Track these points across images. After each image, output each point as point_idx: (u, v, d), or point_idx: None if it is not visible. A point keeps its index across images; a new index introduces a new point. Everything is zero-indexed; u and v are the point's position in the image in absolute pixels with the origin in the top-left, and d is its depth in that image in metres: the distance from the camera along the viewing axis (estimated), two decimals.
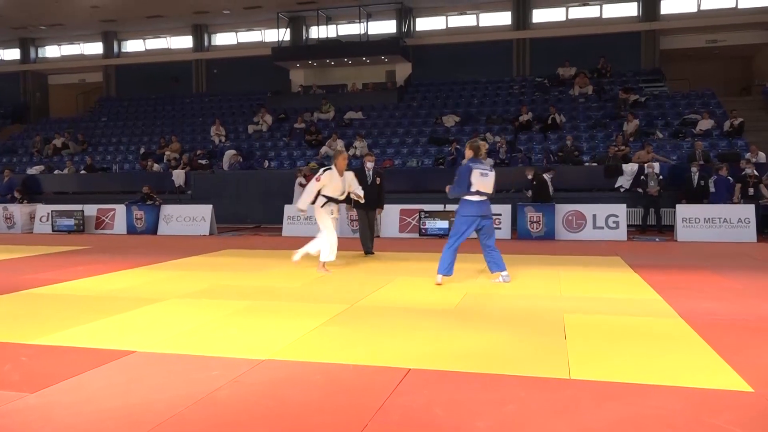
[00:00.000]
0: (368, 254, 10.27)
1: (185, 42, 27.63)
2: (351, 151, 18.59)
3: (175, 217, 15.51)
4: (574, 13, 23.26)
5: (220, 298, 6.57)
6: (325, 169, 8.31)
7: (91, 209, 16.18)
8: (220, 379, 3.85)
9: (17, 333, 5.08)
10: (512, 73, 23.49)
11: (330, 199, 8.25)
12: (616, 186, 15.37)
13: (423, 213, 13.70)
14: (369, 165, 10.19)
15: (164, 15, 25.31)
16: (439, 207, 13.63)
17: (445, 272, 7.10)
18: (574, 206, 13.50)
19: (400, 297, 6.58)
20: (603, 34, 22.34)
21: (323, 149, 18.96)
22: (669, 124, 18.06)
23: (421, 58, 24.05)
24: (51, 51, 29.59)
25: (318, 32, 25.19)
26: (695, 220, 12.84)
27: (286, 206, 14.92)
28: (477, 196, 6.95)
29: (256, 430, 3.15)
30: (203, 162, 19.30)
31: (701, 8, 22.00)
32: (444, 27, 24.54)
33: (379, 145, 19.43)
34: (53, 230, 15.98)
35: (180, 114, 25.05)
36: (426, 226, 13.57)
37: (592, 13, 23.07)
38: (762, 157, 15.02)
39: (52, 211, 16.29)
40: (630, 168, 15.20)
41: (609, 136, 17.64)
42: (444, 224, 13.18)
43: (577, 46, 22.11)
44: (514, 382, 3.76)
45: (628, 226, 13.35)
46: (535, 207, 13.40)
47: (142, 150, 21.56)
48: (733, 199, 13.53)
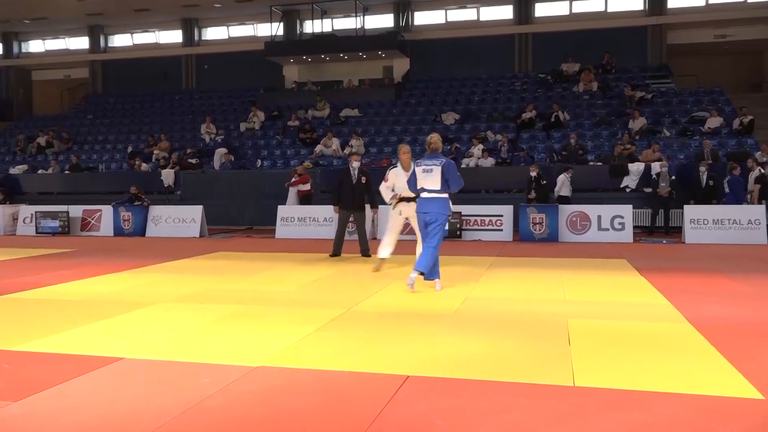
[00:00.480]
0: (334, 256, 10.33)
1: (174, 36, 27.61)
2: (347, 150, 18.60)
3: (164, 219, 15.48)
4: (578, 7, 23.29)
5: (210, 302, 6.57)
6: (391, 167, 8.37)
7: (76, 210, 16.14)
8: (210, 386, 3.85)
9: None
10: (514, 69, 23.53)
11: (401, 198, 8.21)
12: (621, 186, 15.40)
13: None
14: (355, 165, 10.36)
15: (153, 8, 25.28)
16: None
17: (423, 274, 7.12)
18: (578, 207, 13.51)
19: (397, 301, 6.58)
20: (608, 29, 22.37)
21: (318, 148, 18.96)
22: (676, 121, 18.11)
23: (420, 53, 24.06)
24: (35, 46, 29.54)
25: (312, 26, 25.20)
26: (704, 222, 12.85)
27: (280, 207, 14.90)
28: (425, 194, 7.16)
29: None
30: (193, 161, 19.28)
31: (710, 2, 22.06)
32: (443, 21, 24.57)
33: (376, 144, 19.44)
34: (37, 232, 15.93)
35: (169, 111, 25.03)
36: None
37: (596, 6, 23.10)
38: None
39: (35, 212, 16.23)
40: (636, 167, 15.23)
41: (614, 134, 17.68)
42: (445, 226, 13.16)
43: (581, 41, 22.14)
44: (516, 390, 3.76)
45: (634, 227, 13.37)
46: (538, 208, 13.41)
47: (129, 149, 21.55)
48: (752, 201, 13.50)
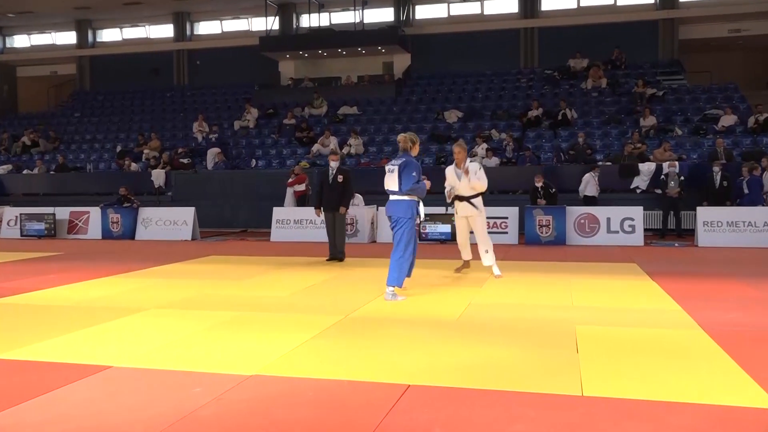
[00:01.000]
0: (332, 260, 10.34)
1: (166, 31, 27.65)
2: (345, 150, 18.61)
3: (154, 221, 15.49)
4: (586, 0, 23.31)
5: (203, 308, 6.57)
6: (450, 165, 8.46)
7: (63, 212, 16.14)
8: (203, 396, 3.85)
9: None
10: (519, 65, 23.56)
11: (456, 197, 8.30)
12: (632, 187, 15.41)
13: (423, 216, 13.69)
14: (333, 164, 10.49)
15: (143, 1, 25.31)
16: (440, 210, 13.62)
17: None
18: (587, 209, 13.52)
19: (398, 307, 6.58)
20: (617, 23, 22.40)
21: (315, 147, 18.97)
22: (689, 119, 18.12)
23: (421, 48, 24.09)
24: (20, 41, 29.57)
25: (309, 20, 25.20)
26: (717, 224, 12.85)
27: (275, 209, 14.91)
28: (390, 195, 7.22)
29: None
30: (185, 161, 19.29)
31: None
32: (446, 15, 24.60)
33: (376, 143, 19.46)
34: (22, 235, 15.94)
35: (160, 109, 25.06)
36: (426, 231, 13.57)
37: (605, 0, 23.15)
38: None
39: (20, 214, 16.24)
40: (647, 167, 15.23)
41: (624, 132, 17.69)
42: (446, 228, 13.17)
43: (590, 36, 22.17)
44: (522, 400, 3.76)
45: (645, 230, 13.37)
46: (545, 210, 13.41)
47: (118, 148, 21.55)
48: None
